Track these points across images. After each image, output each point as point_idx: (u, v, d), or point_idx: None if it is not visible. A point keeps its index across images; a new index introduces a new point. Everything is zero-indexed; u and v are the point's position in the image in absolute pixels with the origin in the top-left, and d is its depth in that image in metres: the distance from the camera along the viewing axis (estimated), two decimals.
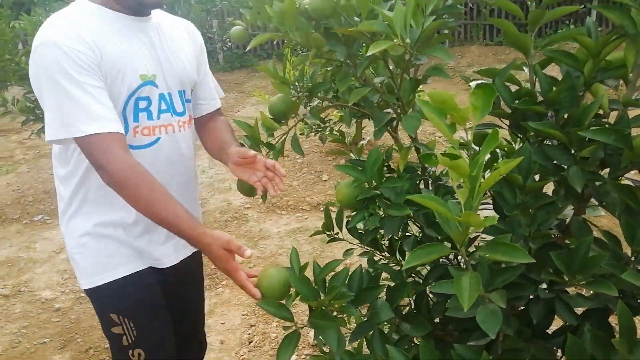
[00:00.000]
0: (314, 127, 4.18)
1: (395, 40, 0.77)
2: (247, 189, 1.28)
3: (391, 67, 0.98)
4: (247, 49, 1.42)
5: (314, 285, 1.15)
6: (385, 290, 1.25)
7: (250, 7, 1.14)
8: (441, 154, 0.64)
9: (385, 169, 1.17)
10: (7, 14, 4.96)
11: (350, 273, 1.22)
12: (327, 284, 1.20)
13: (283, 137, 1.32)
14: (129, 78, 1.16)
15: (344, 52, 0.99)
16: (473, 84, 0.68)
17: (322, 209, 3.74)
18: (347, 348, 1.17)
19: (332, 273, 1.16)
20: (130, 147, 1.18)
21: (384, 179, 1.07)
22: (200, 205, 4.13)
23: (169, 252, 1.37)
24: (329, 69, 1.27)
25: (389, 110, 1.16)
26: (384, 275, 1.30)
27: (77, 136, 1.05)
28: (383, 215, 1.07)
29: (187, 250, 1.42)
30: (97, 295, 1.29)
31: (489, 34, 9.02)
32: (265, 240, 3.37)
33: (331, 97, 1.44)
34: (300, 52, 5.36)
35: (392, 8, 0.84)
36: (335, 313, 1.16)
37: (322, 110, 1.33)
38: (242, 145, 1.30)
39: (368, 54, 0.78)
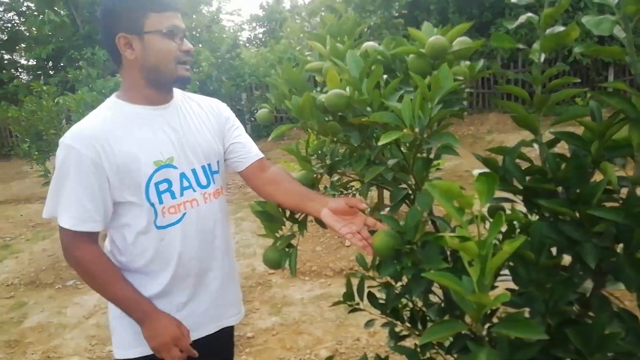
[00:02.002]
0: (336, 194, 4.26)
1: (404, 130, 0.83)
2: (274, 261, 1.32)
3: (403, 149, 1.05)
4: (269, 139, 1.51)
5: None
6: None
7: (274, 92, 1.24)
8: (450, 235, 0.68)
9: None
10: (52, 91, 5.36)
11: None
12: None
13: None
14: (143, 167, 1.26)
15: (358, 138, 1.07)
16: (475, 172, 0.73)
17: (345, 274, 3.73)
18: None
19: None
20: (162, 227, 1.31)
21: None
22: None
23: (205, 322, 1.42)
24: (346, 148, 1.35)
25: (405, 186, 1.21)
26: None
27: (59, 224, 1.26)
28: (410, 277, 1.09)
29: (221, 322, 1.49)
30: None
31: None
32: (288, 307, 3.35)
33: (351, 171, 1.51)
34: None
35: (402, 98, 0.91)
36: None
37: (342, 185, 1.39)
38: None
39: (380, 143, 0.84)
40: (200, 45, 10.18)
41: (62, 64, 14.71)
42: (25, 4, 15.84)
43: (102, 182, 1.24)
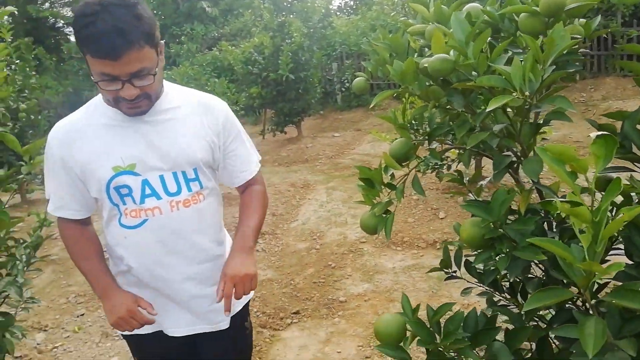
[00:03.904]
0: (430, 164, 4.18)
1: (514, 94, 0.81)
2: (370, 227, 1.36)
3: (510, 115, 1.02)
4: (371, 106, 1.45)
5: (429, 327, 1.18)
6: (503, 333, 1.24)
7: (370, 60, 1.25)
8: (561, 201, 0.67)
9: None
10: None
11: (465, 314, 1.23)
12: (441, 326, 1.22)
13: (404, 179, 1.39)
14: (102, 171, 1.29)
15: (461, 103, 1.05)
16: (593, 134, 0.70)
17: (438, 247, 3.70)
18: None
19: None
20: (124, 226, 1.36)
21: (510, 220, 1.08)
22: (318, 238, 4.29)
23: (176, 323, 1.46)
24: (447, 115, 1.33)
25: (509, 153, 1.18)
26: (502, 317, 1.28)
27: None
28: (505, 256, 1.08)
29: (196, 327, 1.47)
30: (126, 341, 1.56)
31: None
32: (380, 274, 3.41)
33: (450, 139, 1.49)
34: None
35: (509, 61, 0.89)
36: (452, 354, 1.17)
37: (441, 153, 1.38)
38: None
39: (488, 109, 0.83)
40: (292, 15, 10.29)
41: (164, 40, 15.67)
42: None
43: (73, 177, 1.32)
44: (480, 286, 1.50)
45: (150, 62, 1.18)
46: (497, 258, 1.05)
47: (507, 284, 1.51)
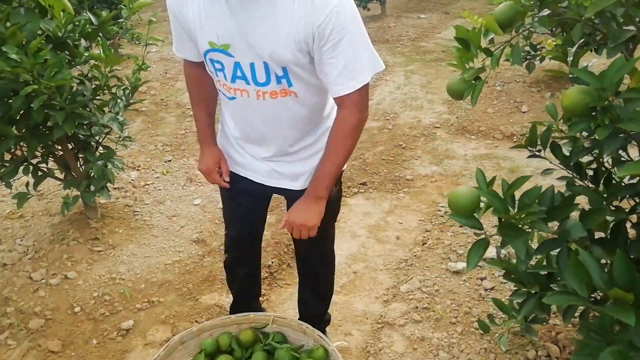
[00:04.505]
0: (523, 53, 3.90)
1: None
2: (458, 91, 1.34)
3: None
4: None
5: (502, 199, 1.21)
6: (579, 213, 1.25)
7: None
8: None
9: None
10: None
11: (542, 191, 1.24)
12: (515, 200, 1.24)
13: (503, 46, 1.33)
14: (199, 40, 1.30)
15: None
16: None
17: (515, 139, 3.60)
18: None
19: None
20: (220, 91, 1.42)
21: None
22: (391, 119, 4.28)
23: (260, 171, 1.53)
24: None
25: (631, 27, 1.09)
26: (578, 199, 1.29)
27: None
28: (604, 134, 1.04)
29: (279, 182, 1.52)
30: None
31: None
32: (450, 160, 3.42)
33: (564, 6, 1.37)
34: None
35: None
36: (524, 227, 1.21)
37: (552, 21, 1.29)
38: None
39: None
40: None
41: None
42: None
43: (186, 29, 1.33)
44: (562, 169, 1.48)
45: None
46: (596, 129, 1.02)
47: (591, 171, 1.48)
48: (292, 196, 1.52)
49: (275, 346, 1.60)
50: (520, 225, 1.20)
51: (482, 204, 1.25)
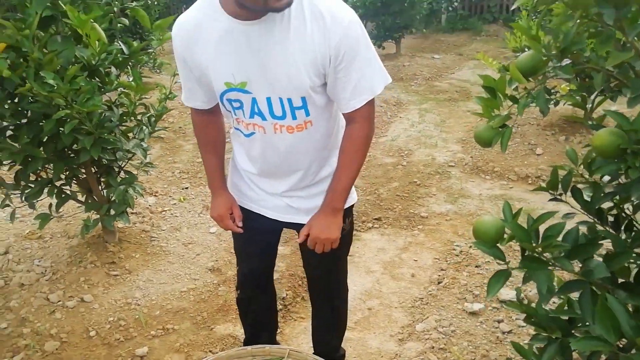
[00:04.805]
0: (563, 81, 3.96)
1: None
2: (487, 140, 1.37)
3: None
4: (512, 9, 1.34)
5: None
6: (603, 255, 1.26)
7: None
8: None
9: None
10: None
11: (566, 229, 1.25)
12: (540, 235, 1.26)
13: (528, 92, 1.38)
14: (215, 82, 1.31)
15: (612, 16, 0.99)
16: None
17: (530, 182, 3.62)
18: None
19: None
20: (237, 129, 1.45)
21: None
22: (405, 156, 4.32)
23: (275, 207, 1.54)
24: (587, 30, 1.26)
25: None
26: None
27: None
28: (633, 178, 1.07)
29: (293, 217, 1.54)
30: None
31: None
32: (465, 199, 3.44)
33: (585, 57, 1.42)
34: (535, 16, 4.99)
35: None
36: (548, 259, 1.22)
37: (575, 70, 1.33)
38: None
39: None
40: None
41: None
42: None
43: (196, 74, 1.34)
44: (583, 213, 1.50)
45: None
46: (627, 170, 1.04)
47: (612, 217, 1.49)
48: None
49: None
50: (543, 259, 1.21)
51: (505, 235, 1.27)
